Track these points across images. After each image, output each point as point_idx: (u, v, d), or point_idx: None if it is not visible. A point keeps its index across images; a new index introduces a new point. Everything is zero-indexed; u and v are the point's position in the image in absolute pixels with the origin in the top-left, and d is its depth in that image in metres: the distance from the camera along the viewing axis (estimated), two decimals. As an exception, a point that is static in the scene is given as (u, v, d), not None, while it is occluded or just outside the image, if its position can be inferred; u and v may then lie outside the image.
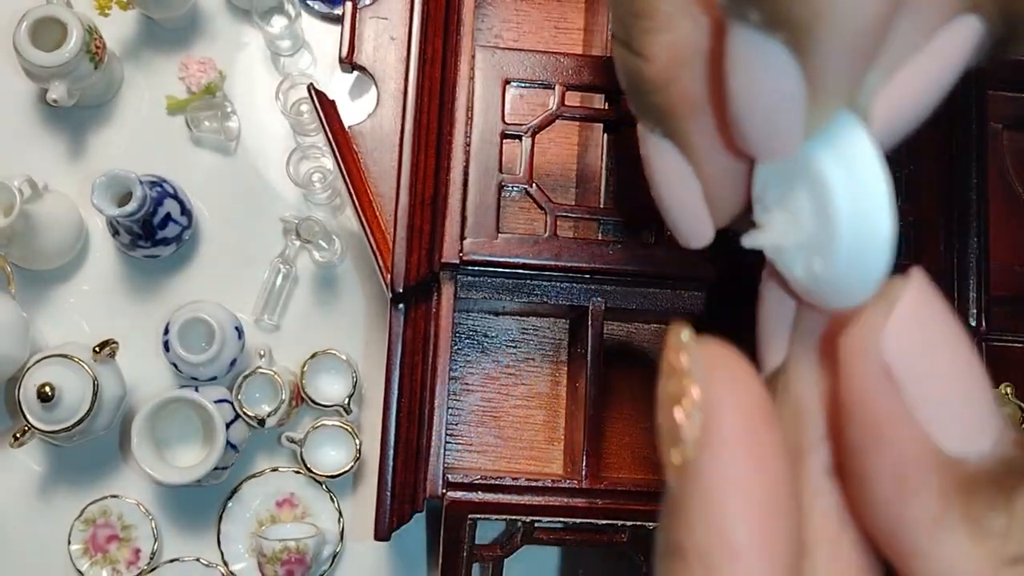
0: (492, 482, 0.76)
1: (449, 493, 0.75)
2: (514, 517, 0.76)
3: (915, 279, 0.32)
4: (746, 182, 0.45)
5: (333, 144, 0.76)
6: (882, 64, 0.40)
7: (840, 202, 0.35)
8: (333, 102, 0.78)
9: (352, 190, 0.76)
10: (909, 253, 0.83)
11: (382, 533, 0.73)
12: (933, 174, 0.84)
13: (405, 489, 0.74)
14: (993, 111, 0.86)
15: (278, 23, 1.14)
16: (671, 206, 0.46)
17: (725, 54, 0.39)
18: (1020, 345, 0.84)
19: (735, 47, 0.39)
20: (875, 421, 0.33)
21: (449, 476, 0.76)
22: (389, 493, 0.74)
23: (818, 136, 0.36)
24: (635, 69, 0.43)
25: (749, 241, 0.38)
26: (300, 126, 1.13)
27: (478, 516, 0.76)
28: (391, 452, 0.74)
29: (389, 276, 0.74)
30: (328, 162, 1.12)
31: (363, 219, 0.75)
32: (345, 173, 0.76)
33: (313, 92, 0.77)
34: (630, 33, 0.43)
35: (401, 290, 0.74)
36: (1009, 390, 0.84)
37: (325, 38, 1.18)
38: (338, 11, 1.14)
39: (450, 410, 0.88)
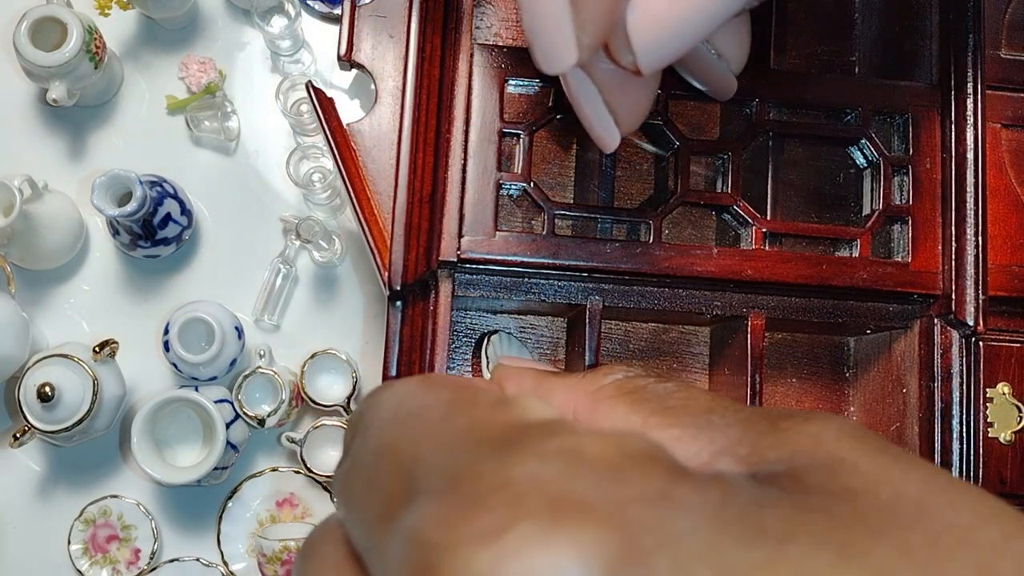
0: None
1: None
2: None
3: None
4: (634, 92, 0.64)
5: (331, 142, 0.76)
6: None
7: None
8: (331, 100, 0.78)
9: (350, 188, 0.76)
10: (907, 253, 0.83)
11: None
12: (932, 173, 0.84)
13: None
14: (992, 110, 0.86)
15: (278, 23, 1.14)
16: (588, 120, 0.64)
17: None
18: (1018, 345, 0.84)
19: None
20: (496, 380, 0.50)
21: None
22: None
23: None
24: None
25: None
26: (300, 126, 1.13)
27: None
28: (389, 451, 0.74)
29: (387, 274, 0.74)
30: (328, 162, 1.12)
31: (361, 217, 0.75)
32: (343, 171, 0.76)
33: (311, 90, 0.77)
34: None
35: (399, 288, 0.74)
36: (1007, 390, 0.84)
37: (325, 38, 1.18)
38: (338, 11, 1.14)
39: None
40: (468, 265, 0.79)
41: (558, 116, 0.83)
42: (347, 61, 0.80)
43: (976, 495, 0.31)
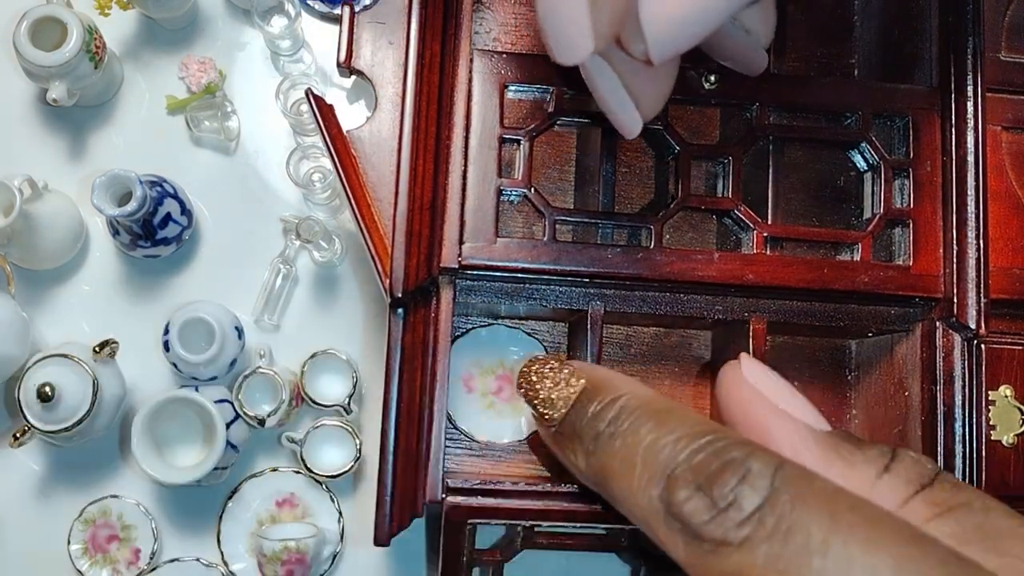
0: (492, 487, 0.76)
1: (449, 498, 0.75)
2: (514, 522, 0.76)
3: (743, 356, 0.61)
4: (655, 76, 0.67)
5: (331, 149, 0.76)
6: None
7: None
8: (331, 107, 0.77)
9: (351, 195, 0.76)
10: (909, 256, 0.83)
11: (382, 539, 0.73)
12: (932, 176, 0.84)
13: (405, 494, 0.74)
14: (993, 112, 0.86)
15: (278, 23, 1.14)
16: (610, 106, 0.68)
17: None
18: (1020, 347, 0.84)
19: None
20: (758, 420, 0.57)
21: (449, 481, 0.76)
22: (389, 498, 0.74)
23: None
24: None
25: None
26: (300, 126, 1.13)
27: (478, 521, 0.76)
28: (390, 457, 0.74)
29: (388, 281, 0.74)
30: (328, 162, 1.12)
31: (362, 224, 0.75)
32: (343, 178, 0.76)
33: (311, 97, 0.77)
34: None
35: (400, 295, 0.74)
36: (1009, 392, 0.84)
37: (325, 38, 1.17)
38: (338, 11, 1.14)
39: (449, 413, 0.88)
40: (469, 272, 0.79)
41: (558, 121, 0.83)
42: (346, 68, 0.80)
43: None
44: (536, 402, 0.64)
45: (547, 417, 0.63)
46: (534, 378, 0.65)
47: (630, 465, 0.54)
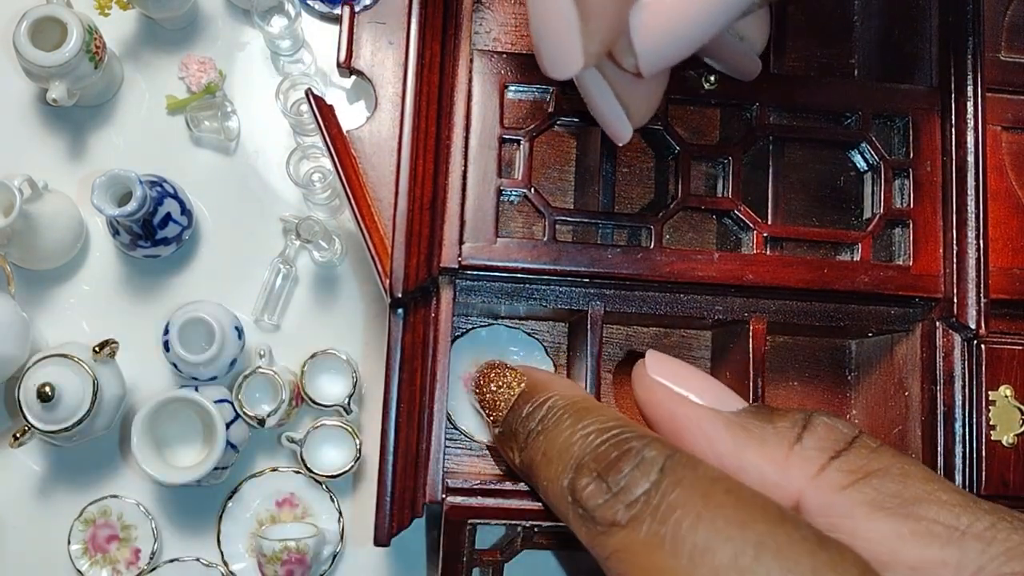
0: (492, 487, 0.76)
1: (449, 498, 0.75)
2: (514, 522, 0.76)
3: (648, 353, 0.65)
4: (646, 85, 0.67)
5: (331, 149, 0.76)
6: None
7: None
8: (331, 107, 0.77)
9: (350, 195, 0.76)
10: (909, 256, 0.83)
11: (382, 539, 0.73)
12: (932, 176, 0.84)
13: (405, 495, 0.74)
14: (992, 113, 0.86)
15: (278, 23, 1.14)
16: (601, 114, 0.68)
17: None
18: (1020, 347, 0.84)
19: None
20: (668, 412, 0.61)
21: (449, 481, 0.76)
22: (389, 499, 0.74)
23: None
24: None
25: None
26: (300, 126, 1.13)
27: (478, 521, 0.76)
28: (390, 458, 0.74)
29: (388, 281, 0.74)
30: (328, 162, 1.12)
31: (361, 224, 0.75)
32: (343, 178, 0.76)
33: (311, 97, 0.77)
34: None
35: (400, 295, 0.74)
36: (1009, 392, 0.84)
37: (325, 38, 1.17)
38: (338, 11, 1.14)
39: (449, 413, 0.88)
40: (469, 271, 0.79)
41: (558, 122, 0.83)
42: (346, 68, 0.80)
43: None
44: (483, 404, 0.71)
45: (491, 418, 0.71)
46: (482, 382, 0.72)
47: (549, 458, 0.61)
